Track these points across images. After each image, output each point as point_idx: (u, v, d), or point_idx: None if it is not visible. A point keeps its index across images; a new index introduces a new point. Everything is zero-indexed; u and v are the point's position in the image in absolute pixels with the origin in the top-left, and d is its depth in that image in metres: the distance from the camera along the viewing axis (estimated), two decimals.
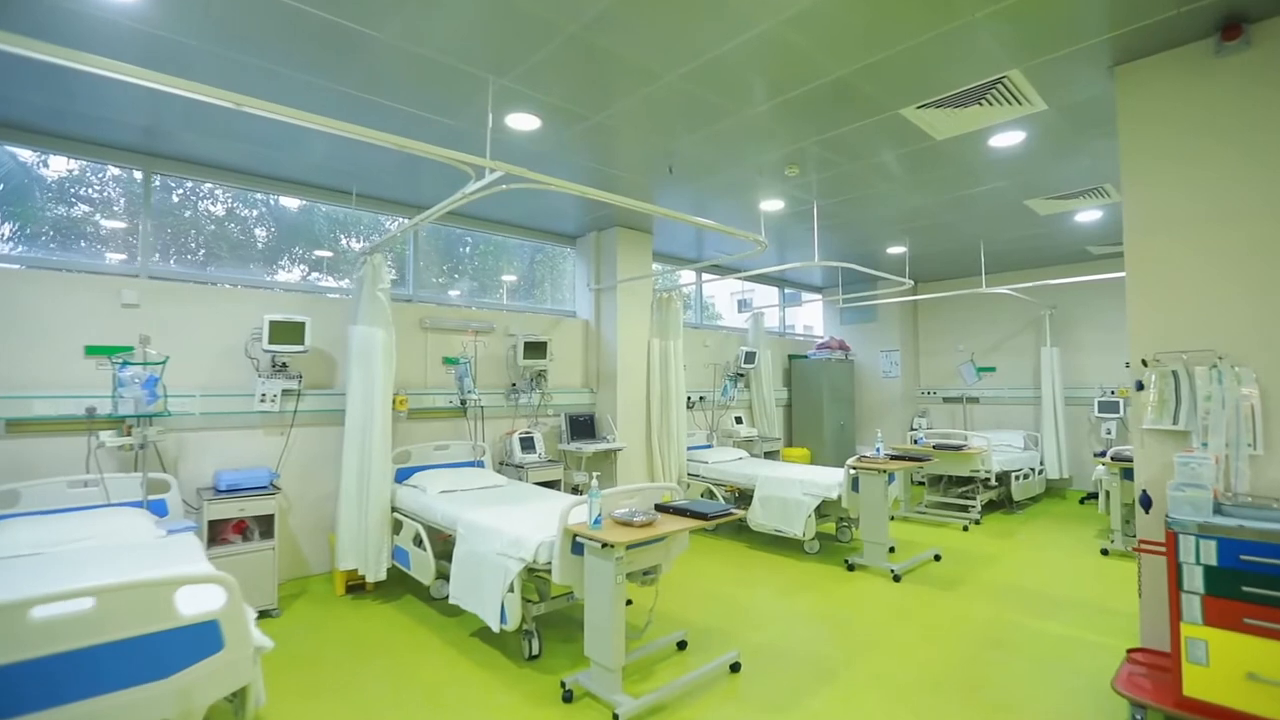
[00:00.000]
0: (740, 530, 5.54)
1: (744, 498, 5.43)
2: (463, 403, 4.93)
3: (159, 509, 3.51)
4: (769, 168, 4.25)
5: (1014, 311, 7.78)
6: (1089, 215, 5.40)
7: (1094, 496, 6.98)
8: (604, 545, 2.59)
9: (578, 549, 2.81)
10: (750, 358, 7.01)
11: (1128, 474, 4.98)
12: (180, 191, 4.19)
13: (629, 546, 2.67)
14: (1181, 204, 2.72)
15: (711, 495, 5.50)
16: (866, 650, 3.22)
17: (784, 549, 5.11)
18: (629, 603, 3.60)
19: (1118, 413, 6.86)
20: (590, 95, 3.22)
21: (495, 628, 3.01)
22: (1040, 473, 6.94)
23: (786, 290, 8.79)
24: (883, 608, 3.80)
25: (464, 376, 4.84)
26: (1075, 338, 7.37)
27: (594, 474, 3.11)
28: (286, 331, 3.92)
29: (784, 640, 3.35)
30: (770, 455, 6.99)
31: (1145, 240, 2.81)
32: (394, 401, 4.52)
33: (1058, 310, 7.42)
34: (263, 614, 3.68)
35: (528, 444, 5.10)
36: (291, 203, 4.70)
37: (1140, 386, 2.75)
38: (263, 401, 3.99)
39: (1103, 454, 6.80)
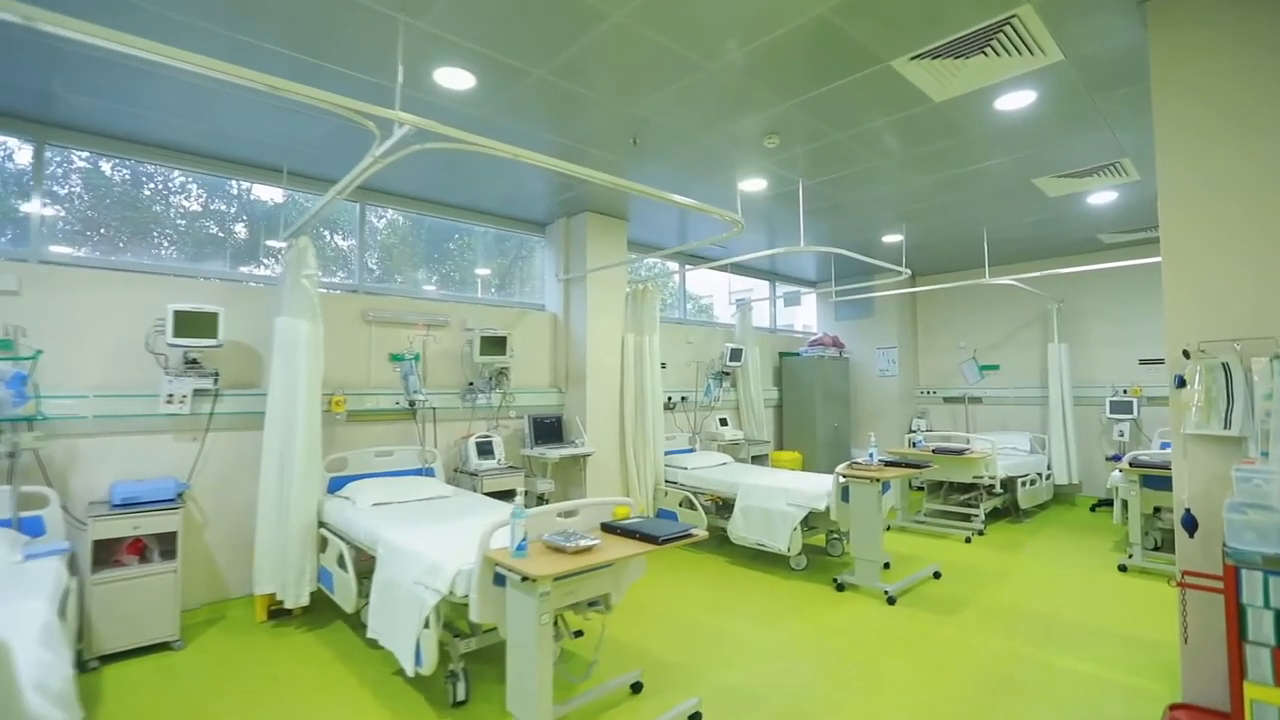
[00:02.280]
0: (722, 542, 5.06)
1: (727, 507, 4.94)
2: (411, 404, 4.45)
3: (34, 527, 3.03)
4: (746, 138, 3.77)
5: (1019, 305, 7.30)
6: (1103, 197, 4.91)
7: (1106, 504, 6.50)
8: (524, 578, 2.11)
9: (502, 580, 2.33)
10: (736, 355, 6.53)
11: (1148, 481, 4.51)
12: (79, 169, 3.72)
13: (558, 578, 2.20)
14: (1229, 164, 2.24)
15: (690, 505, 5.02)
16: (853, 694, 2.73)
17: (767, 564, 4.63)
18: (578, 634, 3.13)
19: (1131, 413, 6.38)
20: (526, 42, 2.74)
21: (409, 670, 2.53)
22: (1048, 478, 6.45)
23: (786, 290, 8.31)
24: (874, 638, 3.32)
25: (409, 375, 4.35)
26: (1084, 333, 6.88)
27: (521, 490, 2.63)
28: (195, 323, 3.45)
29: (757, 680, 2.87)
30: (758, 460, 6.52)
31: (1184, 208, 2.33)
32: (330, 402, 4.06)
33: (1065, 304, 6.94)
34: (162, 646, 3.20)
35: (485, 449, 4.62)
36: (267, 195, 4.31)
37: (1181, 383, 2.27)
38: (169, 402, 3.52)
39: (1116, 458, 6.33)
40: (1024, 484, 5.96)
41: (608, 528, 2.60)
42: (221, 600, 3.78)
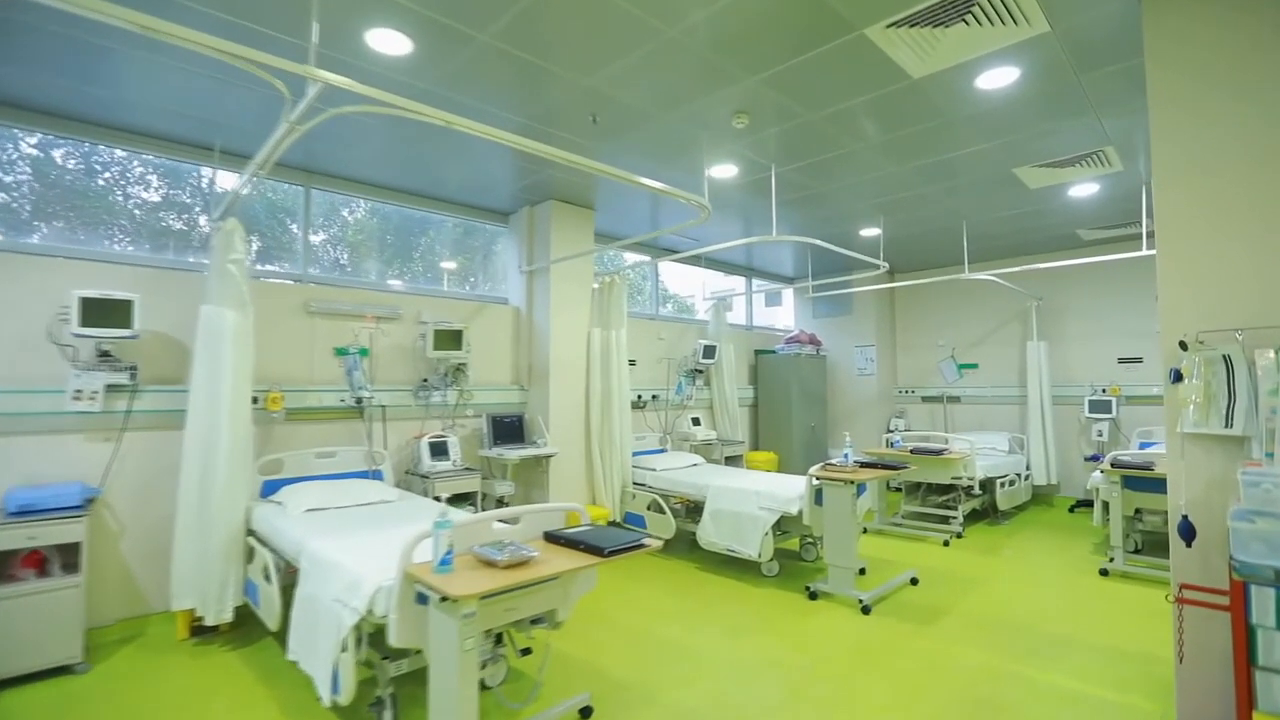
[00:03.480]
0: (691, 547, 4.82)
1: (698, 510, 4.70)
2: (358, 401, 4.15)
3: None
4: (714, 118, 3.53)
5: (998, 303, 7.16)
6: (1084, 189, 4.76)
7: (1084, 504, 6.38)
8: (444, 598, 1.85)
9: (425, 598, 2.06)
10: (710, 352, 6.30)
11: (1129, 483, 4.35)
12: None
13: (486, 596, 1.94)
14: (1230, 135, 2.05)
15: (659, 508, 4.78)
16: (822, 717, 2.50)
17: (738, 570, 4.40)
18: (526, 652, 2.86)
19: (1110, 413, 6.27)
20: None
21: (325, 699, 2.25)
22: (1027, 479, 6.32)
23: (762, 286, 8.09)
24: (848, 651, 3.10)
25: (354, 370, 4.05)
26: (1063, 331, 6.76)
27: (443, 497, 2.37)
28: (106, 311, 3.13)
29: (718, 702, 2.63)
30: (732, 460, 6.29)
31: (1180, 187, 2.14)
32: (266, 399, 3.76)
33: (1044, 301, 6.81)
34: (62, 670, 2.88)
35: (439, 450, 4.33)
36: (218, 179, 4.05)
37: (1178, 377, 2.07)
38: (78, 399, 3.19)
39: (1095, 458, 6.20)
40: (1003, 485, 5.80)
41: (551, 537, 2.34)
42: (140, 616, 3.45)
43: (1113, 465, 4.40)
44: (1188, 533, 1.99)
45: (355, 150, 4.00)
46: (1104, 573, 4.32)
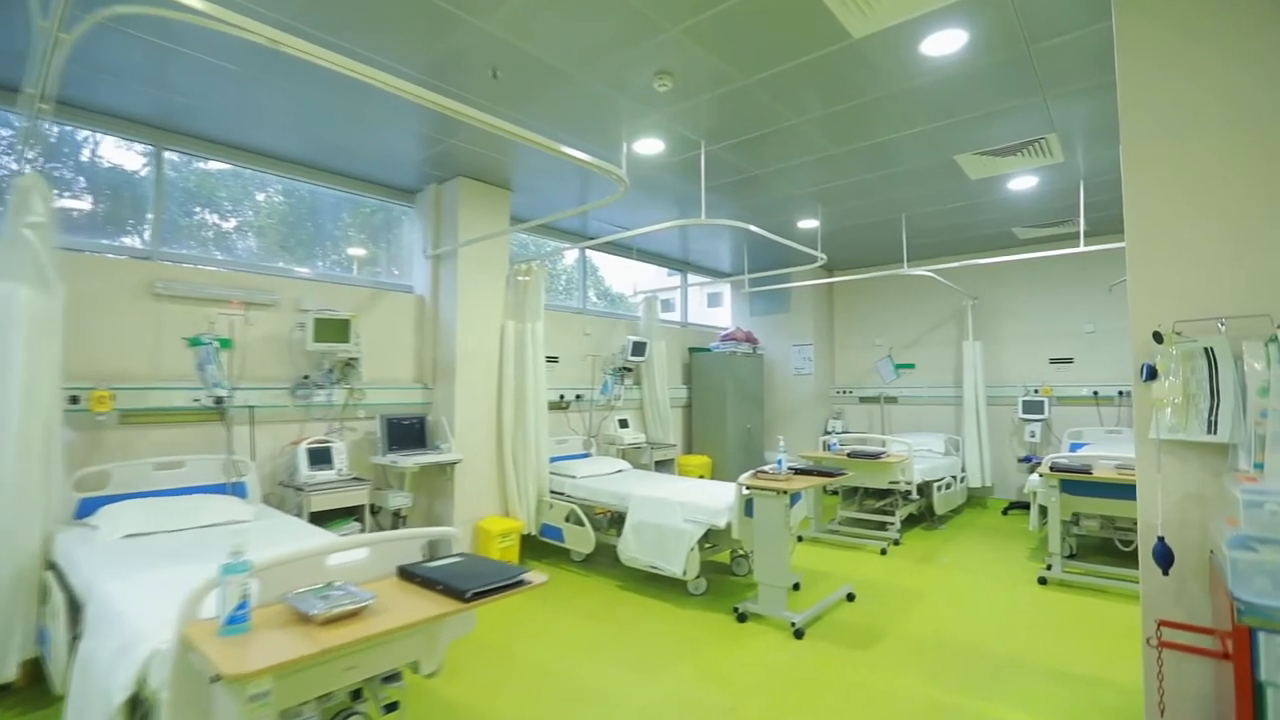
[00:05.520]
0: (615, 561, 4.37)
1: (623, 521, 4.26)
2: (217, 401, 3.51)
3: None
4: (633, 79, 3.10)
5: (935, 303, 7.04)
6: (1023, 182, 4.59)
7: (1019, 506, 6.30)
8: (217, 678, 1.34)
9: None
10: (640, 349, 5.88)
11: (1067, 487, 4.18)
12: None
13: (285, 673, 1.43)
14: (1210, 95, 1.76)
15: (577, 520, 4.32)
16: None
17: (663, 588, 3.99)
18: (391, 708, 2.34)
19: (1042, 414, 6.21)
20: None
21: None
22: (962, 481, 6.18)
23: (704, 286, 7.73)
24: (777, 685, 2.72)
25: (207, 364, 3.41)
26: (997, 331, 6.69)
27: (241, 527, 1.86)
28: None
29: None
30: (663, 465, 5.89)
31: (1153, 151, 1.84)
32: (90, 399, 3.10)
33: (980, 301, 6.72)
34: None
35: (320, 457, 3.74)
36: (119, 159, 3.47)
37: (1151, 374, 1.76)
38: None
39: (1028, 460, 6.13)
40: (939, 488, 5.62)
41: (406, 574, 1.85)
42: None
43: (1052, 469, 4.22)
44: (1164, 558, 1.68)
45: (220, 106, 3.37)
46: (1042, 581, 4.13)
